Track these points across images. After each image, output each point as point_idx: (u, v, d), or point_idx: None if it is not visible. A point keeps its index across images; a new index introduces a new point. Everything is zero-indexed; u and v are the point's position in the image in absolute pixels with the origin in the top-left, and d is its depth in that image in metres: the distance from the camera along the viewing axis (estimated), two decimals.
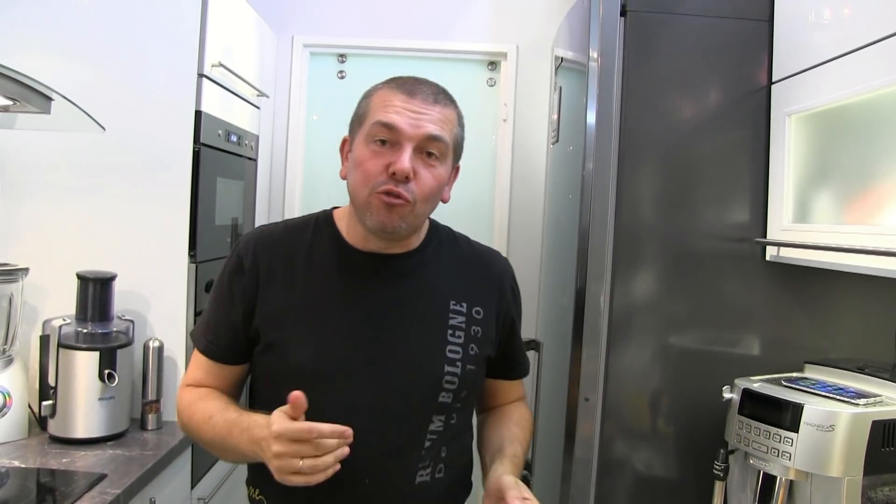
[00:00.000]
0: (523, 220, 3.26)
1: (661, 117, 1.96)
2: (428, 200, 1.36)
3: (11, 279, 2.07)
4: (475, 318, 1.45)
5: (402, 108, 1.32)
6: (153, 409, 2.21)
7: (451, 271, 1.48)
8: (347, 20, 3.31)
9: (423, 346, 1.40)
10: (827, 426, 1.49)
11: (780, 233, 1.86)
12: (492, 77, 3.37)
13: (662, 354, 1.96)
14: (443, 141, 1.34)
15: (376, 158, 1.32)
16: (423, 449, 1.39)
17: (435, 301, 1.43)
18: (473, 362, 1.42)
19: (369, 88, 1.41)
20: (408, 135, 1.31)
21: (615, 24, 1.94)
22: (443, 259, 1.49)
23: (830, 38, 1.67)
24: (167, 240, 2.28)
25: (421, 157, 1.33)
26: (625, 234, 1.94)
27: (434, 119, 1.33)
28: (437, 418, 1.40)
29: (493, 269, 1.55)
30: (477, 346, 1.44)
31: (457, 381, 1.39)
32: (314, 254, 1.44)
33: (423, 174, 1.33)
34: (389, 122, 1.31)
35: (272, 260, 1.42)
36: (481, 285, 1.50)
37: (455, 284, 1.46)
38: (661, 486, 1.97)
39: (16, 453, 1.95)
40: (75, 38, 2.24)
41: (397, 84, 1.37)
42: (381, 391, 1.35)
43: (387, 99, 1.34)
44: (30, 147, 2.24)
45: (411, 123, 1.31)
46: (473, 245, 1.58)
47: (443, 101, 1.36)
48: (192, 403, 1.41)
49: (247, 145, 2.81)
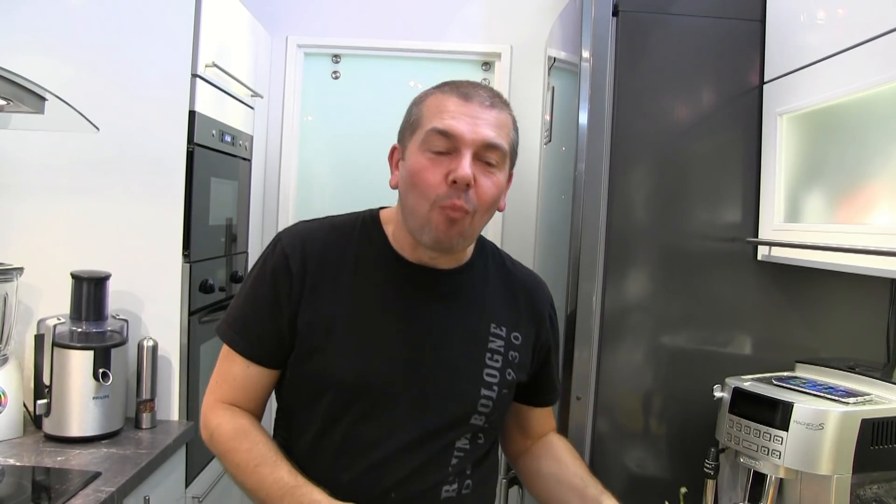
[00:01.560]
0: (516, 220, 3.27)
1: (653, 117, 1.97)
2: (487, 210, 1.30)
3: (6, 279, 2.07)
4: (514, 343, 1.41)
5: (457, 113, 1.25)
6: (147, 408, 2.21)
7: (496, 293, 1.43)
8: (341, 21, 3.31)
9: (463, 367, 1.36)
10: (817, 425, 1.50)
11: (772, 232, 1.87)
12: (486, 77, 3.37)
13: (654, 354, 1.97)
14: (501, 148, 1.27)
15: (435, 167, 1.25)
16: (450, 466, 1.35)
17: (478, 322, 1.39)
18: (507, 387, 1.39)
19: (420, 94, 1.34)
20: (466, 140, 1.24)
21: (607, 24, 1.95)
22: (490, 279, 1.44)
23: (822, 37, 1.68)
24: (161, 240, 2.28)
25: (480, 164, 1.26)
26: (617, 234, 1.95)
27: (491, 124, 1.26)
28: (463, 437, 1.36)
29: (537, 297, 1.49)
30: (514, 371, 1.41)
31: (491, 405, 1.36)
32: (362, 260, 1.37)
33: (483, 182, 1.26)
34: (446, 129, 1.24)
35: (320, 263, 1.35)
36: (522, 311, 1.45)
37: (498, 307, 1.42)
38: (653, 484, 1.97)
39: (11, 452, 1.96)
40: (69, 38, 2.24)
41: (451, 88, 1.30)
42: (418, 409, 1.31)
43: (441, 104, 1.27)
44: (24, 147, 2.24)
45: (469, 129, 1.24)
46: (518, 267, 1.52)
47: (499, 106, 1.30)
48: (233, 438, 1.30)
49: (241, 145, 2.82)
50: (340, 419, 1.30)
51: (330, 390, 1.30)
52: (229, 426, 1.32)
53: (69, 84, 2.08)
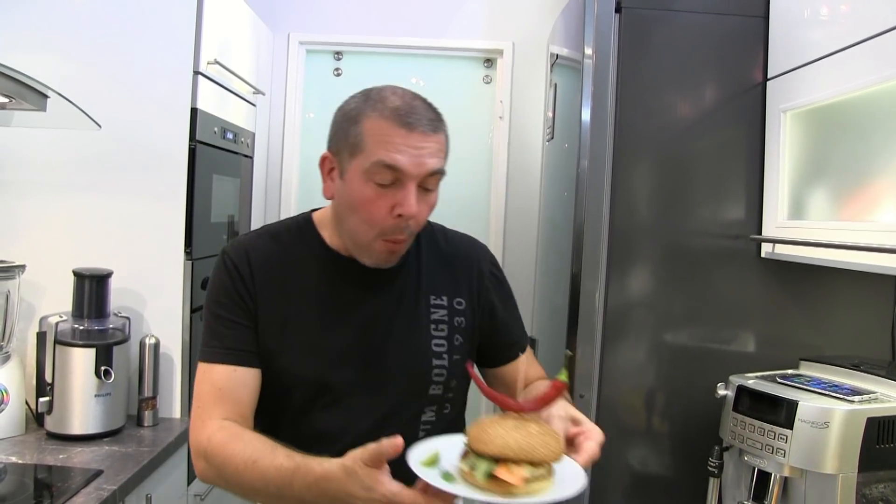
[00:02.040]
0: (519, 217, 3.27)
1: (655, 114, 1.96)
2: (422, 225, 1.37)
3: (8, 276, 2.07)
4: (457, 308, 1.46)
5: (402, 146, 1.26)
6: (149, 406, 2.21)
7: (431, 267, 1.48)
8: (343, 18, 3.31)
9: (410, 344, 1.41)
10: (822, 423, 1.50)
11: (776, 229, 1.86)
12: (488, 74, 3.37)
13: (657, 351, 1.96)
14: (442, 172, 1.32)
15: (380, 200, 1.28)
16: (418, 438, 1.34)
17: (417, 299, 1.44)
18: (459, 352, 1.44)
19: (354, 109, 1.33)
20: (412, 175, 1.26)
21: (610, 20, 1.94)
22: (422, 257, 1.48)
23: (826, 34, 1.67)
24: (163, 237, 2.28)
25: (419, 189, 1.29)
26: (620, 231, 1.94)
27: (433, 151, 1.29)
28: (428, 409, 1.42)
29: (471, 259, 1.53)
30: (462, 335, 1.45)
31: (445, 373, 1.41)
32: (302, 263, 1.42)
33: (422, 207, 1.31)
34: (394, 164, 1.25)
35: (265, 270, 1.39)
36: (459, 276, 1.50)
37: (434, 279, 1.46)
38: (656, 483, 1.97)
39: (13, 449, 1.96)
40: (71, 35, 2.24)
41: (392, 114, 1.29)
42: (377, 392, 1.36)
43: (385, 134, 1.27)
44: (26, 144, 2.24)
45: (415, 163, 1.26)
46: (449, 236, 1.56)
47: (438, 128, 1.32)
48: (227, 444, 1.28)
49: (243, 143, 2.81)
50: (309, 412, 1.36)
51: (294, 388, 1.35)
52: (221, 434, 1.30)
53: (71, 81, 2.07)
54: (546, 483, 1.05)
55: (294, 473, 1.20)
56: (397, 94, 1.33)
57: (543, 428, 1.09)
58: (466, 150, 3.33)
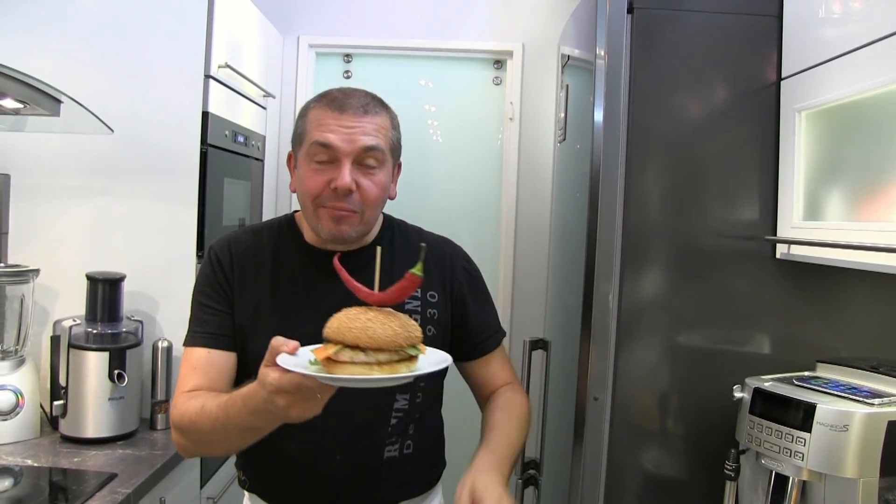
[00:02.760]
0: (530, 218, 3.26)
1: (669, 115, 1.95)
2: (374, 206, 1.47)
3: (22, 280, 2.08)
4: (430, 301, 1.55)
5: (334, 126, 1.41)
6: (162, 409, 2.21)
7: (404, 261, 1.53)
8: (353, 20, 3.31)
9: None
10: (841, 426, 1.48)
11: (791, 230, 1.84)
12: (497, 76, 3.36)
13: (672, 353, 1.95)
14: (378, 149, 1.43)
15: (318, 175, 1.42)
16: (390, 426, 1.51)
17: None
18: (433, 344, 1.43)
19: (303, 107, 1.52)
20: (344, 150, 1.40)
21: (622, 21, 1.93)
22: (395, 251, 1.57)
23: (841, 32, 1.66)
24: (175, 240, 2.28)
25: (360, 168, 1.43)
26: (633, 232, 1.93)
27: (367, 130, 1.42)
28: (400, 397, 1.51)
29: (444, 253, 1.63)
30: (434, 327, 1.54)
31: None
32: (279, 254, 1.55)
33: (365, 184, 1.43)
34: (325, 142, 1.40)
35: (244, 261, 1.53)
36: (433, 271, 1.57)
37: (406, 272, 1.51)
38: (671, 486, 1.96)
39: (28, 452, 1.96)
40: (83, 40, 2.25)
41: (328, 102, 1.44)
42: None
43: (320, 118, 1.43)
44: (40, 150, 2.25)
45: (345, 139, 1.40)
46: (424, 235, 1.67)
47: (373, 111, 1.45)
48: (183, 404, 1.40)
49: (253, 146, 2.82)
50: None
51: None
52: (185, 401, 1.40)
53: (84, 86, 2.08)
54: (396, 366, 1.14)
55: (228, 404, 1.29)
56: (341, 89, 1.49)
57: (399, 320, 1.18)
58: (476, 152, 3.34)
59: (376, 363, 1.13)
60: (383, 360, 1.14)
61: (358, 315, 1.17)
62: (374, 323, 1.15)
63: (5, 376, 2.04)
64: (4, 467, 1.88)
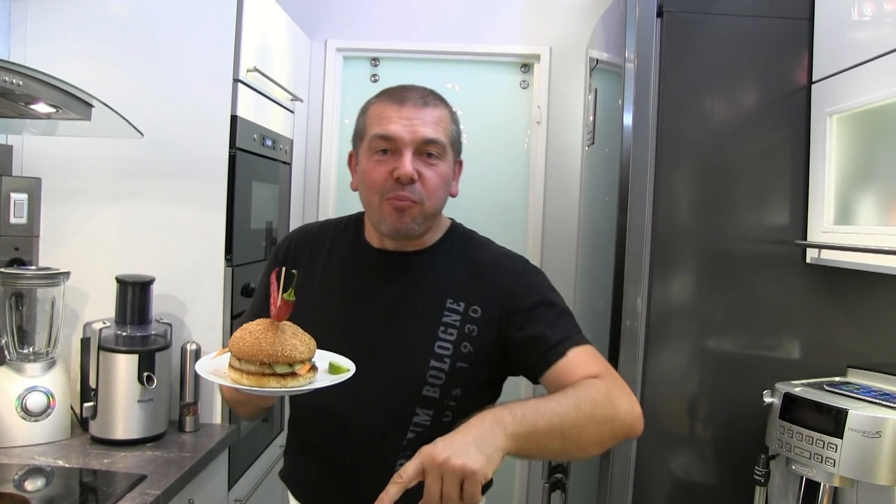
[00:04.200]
0: (558, 222, 3.25)
1: (698, 118, 1.94)
2: (435, 197, 1.44)
3: (53, 283, 2.11)
4: (471, 316, 1.45)
5: (395, 118, 1.41)
6: (191, 412, 2.23)
7: (457, 271, 1.50)
8: (380, 24, 3.32)
9: (413, 339, 1.45)
10: (873, 432, 1.46)
11: (821, 235, 1.83)
12: (525, 79, 3.36)
13: (701, 358, 1.94)
14: (438, 142, 1.42)
15: (380, 166, 1.42)
16: (406, 439, 1.42)
17: (431, 297, 1.47)
18: (467, 360, 1.43)
19: (363, 106, 1.53)
20: (405, 140, 1.40)
21: (651, 24, 1.93)
22: (451, 259, 1.52)
23: (874, 35, 1.64)
24: (204, 244, 2.30)
25: (421, 158, 1.41)
26: (662, 236, 1.92)
27: (427, 122, 1.41)
28: (422, 412, 1.43)
29: (499, 269, 1.50)
30: (471, 344, 1.43)
31: (444, 377, 1.42)
32: (336, 249, 1.56)
33: (427, 174, 1.41)
34: (386, 133, 1.41)
35: (301, 253, 1.57)
36: (485, 286, 1.47)
37: (457, 284, 1.48)
38: (700, 491, 1.94)
39: (59, 453, 1.99)
40: (113, 45, 2.27)
41: (387, 96, 1.46)
42: (367, 378, 1.35)
43: (380, 112, 1.44)
44: (70, 153, 2.27)
45: (406, 130, 1.40)
46: (487, 248, 1.56)
47: (433, 104, 1.45)
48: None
49: (281, 149, 2.83)
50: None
51: None
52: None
53: (114, 90, 2.10)
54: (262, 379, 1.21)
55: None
56: (400, 85, 1.50)
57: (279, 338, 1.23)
58: (504, 156, 3.33)
59: (247, 372, 1.22)
60: (252, 371, 1.21)
61: (255, 326, 1.26)
62: (252, 336, 1.23)
63: (37, 378, 2.06)
64: (37, 467, 1.90)
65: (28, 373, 2.06)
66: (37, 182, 2.27)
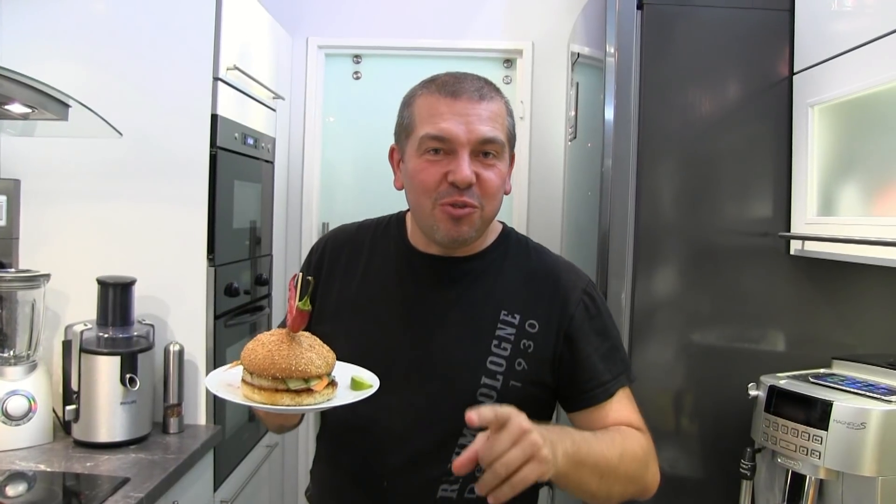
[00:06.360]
0: (542, 217, 3.24)
1: (680, 111, 1.93)
2: (494, 200, 1.30)
3: (34, 285, 2.08)
4: (527, 331, 1.32)
5: (448, 114, 1.25)
6: (175, 413, 2.21)
7: (511, 281, 1.37)
8: (362, 21, 3.30)
9: (464, 354, 1.31)
10: (858, 424, 1.46)
11: (805, 226, 1.83)
12: (507, 75, 3.35)
13: (685, 352, 1.93)
14: (497, 140, 1.27)
15: (432, 168, 1.26)
16: (450, 461, 1.23)
17: (485, 309, 1.34)
18: (520, 379, 1.30)
19: (409, 93, 1.35)
20: (462, 141, 1.24)
21: (632, 17, 1.92)
22: (504, 268, 1.39)
23: (854, 26, 1.64)
24: (186, 244, 2.28)
25: (478, 159, 1.26)
26: (645, 230, 1.92)
27: (483, 118, 1.26)
28: (468, 432, 1.26)
29: (560, 283, 1.37)
30: (526, 361, 1.31)
31: (495, 395, 1.28)
32: (376, 253, 1.43)
33: (486, 175, 1.26)
34: (439, 134, 1.25)
35: (338, 257, 1.44)
36: (542, 299, 1.35)
37: (512, 295, 1.35)
38: (687, 485, 1.94)
39: (41, 457, 1.96)
40: (90, 44, 2.24)
41: (439, 87, 1.29)
42: (413, 394, 1.29)
43: (431, 106, 1.28)
44: (49, 154, 2.25)
45: (462, 128, 1.24)
46: (545, 257, 1.44)
47: (489, 96, 1.28)
48: None
49: (263, 148, 2.81)
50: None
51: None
52: None
53: (92, 90, 2.07)
54: (276, 396, 1.12)
55: None
56: (449, 73, 1.33)
57: (294, 351, 1.14)
58: None
59: (259, 387, 1.13)
60: (265, 386, 1.12)
61: (269, 337, 1.17)
62: (265, 348, 1.14)
63: (18, 381, 2.03)
64: (18, 472, 1.88)
65: (9, 376, 2.03)
66: (16, 184, 2.25)
